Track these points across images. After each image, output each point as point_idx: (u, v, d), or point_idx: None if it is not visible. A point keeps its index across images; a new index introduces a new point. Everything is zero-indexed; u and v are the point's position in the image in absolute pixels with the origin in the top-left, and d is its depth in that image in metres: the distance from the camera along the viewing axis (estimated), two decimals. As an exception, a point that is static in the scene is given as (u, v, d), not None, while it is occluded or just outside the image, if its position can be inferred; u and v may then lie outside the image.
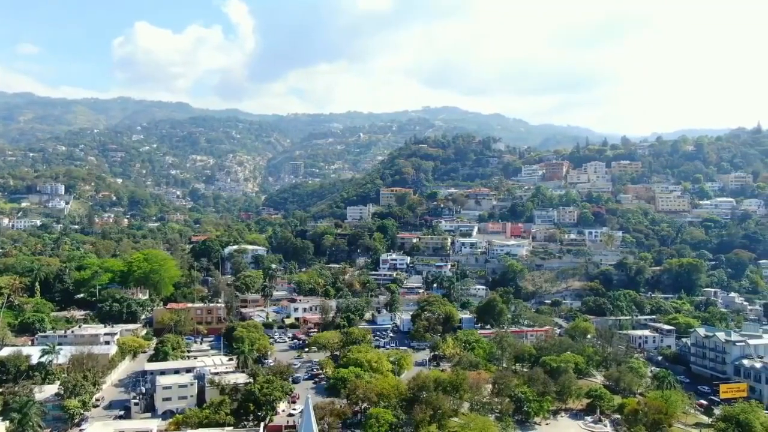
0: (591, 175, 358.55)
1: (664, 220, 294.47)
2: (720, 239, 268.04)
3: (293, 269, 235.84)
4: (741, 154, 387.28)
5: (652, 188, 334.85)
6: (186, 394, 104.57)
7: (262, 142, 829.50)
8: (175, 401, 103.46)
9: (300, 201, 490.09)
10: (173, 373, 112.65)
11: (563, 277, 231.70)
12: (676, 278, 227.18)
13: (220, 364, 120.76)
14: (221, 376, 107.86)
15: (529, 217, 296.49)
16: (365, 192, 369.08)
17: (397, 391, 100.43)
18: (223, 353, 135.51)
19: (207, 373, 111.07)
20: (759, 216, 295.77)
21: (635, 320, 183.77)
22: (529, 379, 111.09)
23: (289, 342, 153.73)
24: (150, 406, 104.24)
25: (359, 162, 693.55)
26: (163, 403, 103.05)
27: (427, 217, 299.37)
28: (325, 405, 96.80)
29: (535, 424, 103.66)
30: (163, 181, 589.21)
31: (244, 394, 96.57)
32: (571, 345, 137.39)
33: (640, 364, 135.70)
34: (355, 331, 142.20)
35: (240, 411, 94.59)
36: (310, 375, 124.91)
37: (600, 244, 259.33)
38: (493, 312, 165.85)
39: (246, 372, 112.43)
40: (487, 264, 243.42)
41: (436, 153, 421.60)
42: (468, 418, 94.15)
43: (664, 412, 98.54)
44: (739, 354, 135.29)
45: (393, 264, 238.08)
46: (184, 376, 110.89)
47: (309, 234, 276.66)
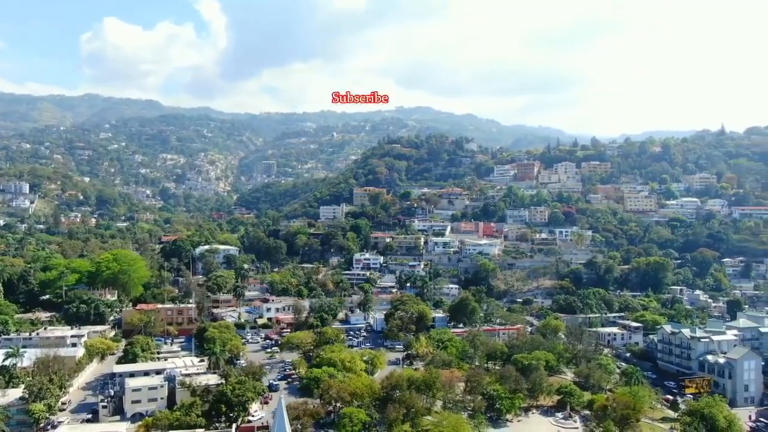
0: (562, 175, 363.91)
1: (632, 219, 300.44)
2: (685, 238, 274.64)
3: (266, 269, 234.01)
4: (705, 155, 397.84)
5: (620, 188, 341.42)
6: (156, 396, 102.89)
7: (234, 141, 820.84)
8: (144, 403, 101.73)
9: (273, 200, 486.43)
10: (143, 375, 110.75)
11: (534, 276, 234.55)
12: (643, 276, 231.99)
13: (191, 366, 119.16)
14: (192, 378, 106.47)
15: (501, 217, 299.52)
16: (338, 192, 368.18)
17: (370, 390, 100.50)
18: (194, 354, 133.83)
19: (178, 374, 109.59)
20: (722, 216, 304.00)
21: (604, 318, 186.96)
22: (501, 377, 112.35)
23: (262, 342, 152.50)
24: (119, 409, 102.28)
25: (332, 161, 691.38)
26: (133, 405, 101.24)
27: (401, 217, 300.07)
28: (298, 405, 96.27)
29: (507, 421, 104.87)
30: (132, 180, 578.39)
31: (215, 395, 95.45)
32: (542, 343, 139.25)
33: (608, 360, 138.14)
34: (328, 330, 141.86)
35: (211, 412, 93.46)
36: (283, 375, 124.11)
37: (570, 244, 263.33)
38: (466, 311, 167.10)
39: (218, 373, 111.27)
40: (459, 263, 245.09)
41: (410, 153, 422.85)
42: (441, 416, 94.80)
43: (632, 408, 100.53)
44: (704, 350, 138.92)
45: (366, 264, 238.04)
46: (154, 377, 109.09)
47: (282, 234, 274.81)
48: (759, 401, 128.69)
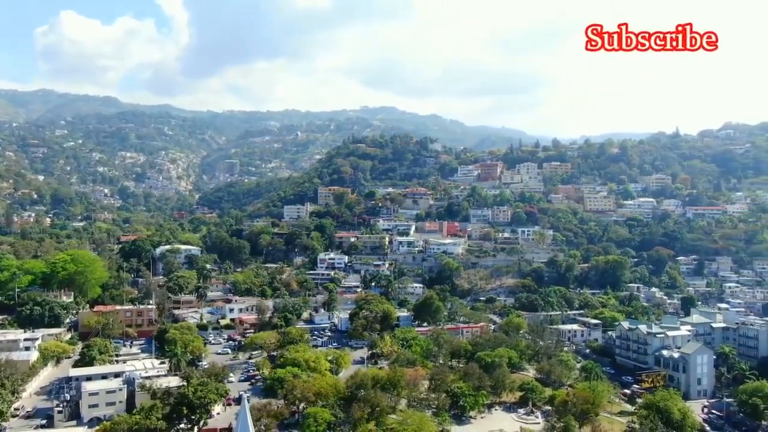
0: (524, 175, 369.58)
1: (591, 219, 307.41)
2: (642, 237, 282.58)
3: (229, 269, 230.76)
4: (661, 156, 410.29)
5: (580, 188, 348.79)
6: (114, 399, 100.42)
7: (196, 140, 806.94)
8: (102, 408, 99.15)
9: (236, 200, 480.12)
10: (100, 379, 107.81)
11: (497, 275, 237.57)
12: (602, 275, 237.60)
13: (151, 368, 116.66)
14: (152, 380, 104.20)
15: (465, 217, 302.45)
16: (303, 191, 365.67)
17: (335, 390, 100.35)
18: (154, 356, 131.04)
19: (137, 377, 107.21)
20: (677, 216, 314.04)
21: (565, 315, 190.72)
22: (464, 375, 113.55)
23: (225, 343, 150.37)
24: (75, 414, 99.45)
25: (297, 161, 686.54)
26: (90, 410, 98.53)
27: (365, 217, 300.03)
28: (261, 406, 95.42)
29: (470, 418, 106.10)
30: (89, 178, 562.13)
31: (177, 397, 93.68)
32: (505, 340, 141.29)
33: (569, 357, 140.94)
34: (292, 330, 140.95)
35: (173, 415, 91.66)
36: (247, 376, 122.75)
37: (532, 243, 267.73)
38: (430, 309, 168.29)
39: (179, 375, 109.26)
40: (424, 262, 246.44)
41: (374, 153, 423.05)
42: (405, 415, 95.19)
43: (591, 402, 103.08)
44: (659, 345, 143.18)
45: (331, 263, 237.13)
46: (112, 381, 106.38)
47: (245, 233, 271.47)
48: (711, 394, 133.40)
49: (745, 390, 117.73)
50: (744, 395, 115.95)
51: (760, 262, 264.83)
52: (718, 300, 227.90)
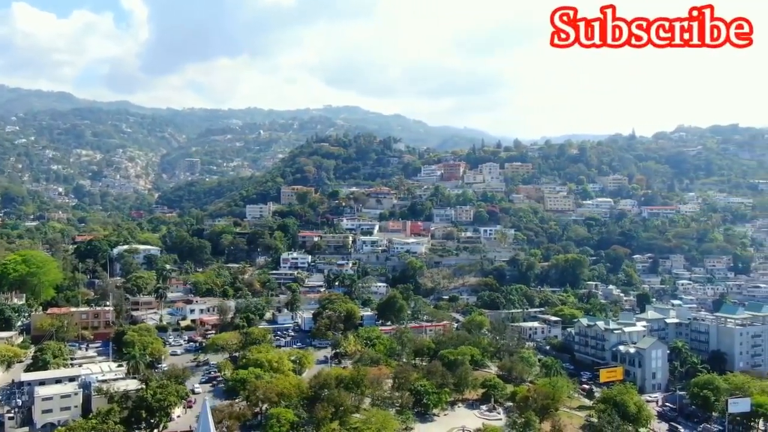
0: (486, 175, 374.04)
1: (551, 218, 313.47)
2: (600, 236, 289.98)
3: (189, 269, 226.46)
4: (618, 158, 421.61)
5: (541, 188, 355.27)
6: (69, 404, 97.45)
7: (155, 137, 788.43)
8: (56, 413, 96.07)
9: (196, 199, 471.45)
10: (54, 383, 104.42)
11: (460, 274, 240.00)
12: (562, 273, 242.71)
13: (108, 371, 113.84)
14: (110, 384, 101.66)
15: (428, 216, 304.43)
16: (266, 190, 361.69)
17: (298, 390, 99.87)
18: (111, 359, 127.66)
19: (93, 381, 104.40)
20: (633, 215, 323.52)
21: (526, 313, 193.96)
22: (428, 373, 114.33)
23: (185, 345, 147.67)
24: (27, 420, 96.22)
25: (259, 160, 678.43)
26: (43, 415, 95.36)
27: (329, 216, 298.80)
28: (223, 408, 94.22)
29: (433, 415, 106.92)
30: (42, 176, 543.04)
31: (135, 401, 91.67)
32: (468, 338, 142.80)
33: (530, 353, 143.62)
34: (255, 331, 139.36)
35: (131, 419, 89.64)
36: (208, 378, 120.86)
37: (494, 242, 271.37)
38: (394, 308, 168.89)
39: (137, 378, 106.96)
40: (387, 262, 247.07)
41: (338, 152, 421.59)
42: (369, 414, 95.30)
43: (551, 398, 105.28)
44: (616, 341, 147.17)
45: (294, 263, 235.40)
46: (66, 385, 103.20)
47: (206, 233, 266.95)
48: (665, 387, 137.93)
49: (696, 383, 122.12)
50: (696, 388, 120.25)
51: (711, 260, 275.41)
52: (672, 296, 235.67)
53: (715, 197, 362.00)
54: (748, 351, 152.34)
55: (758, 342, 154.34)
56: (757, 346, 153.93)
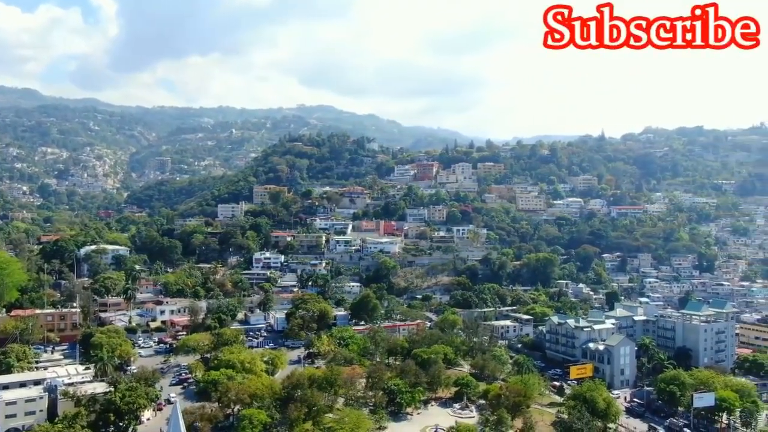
0: (459, 175, 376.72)
1: (523, 218, 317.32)
2: (570, 236, 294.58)
3: (159, 270, 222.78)
4: (588, 158, 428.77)
5: (513, 188, 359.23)
6: (34, 408, 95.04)
7: (124, 136, 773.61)
8: (21, 417, 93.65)
9: (167, 198, 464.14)
10: (18, 387, 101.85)
11: (433, 273, 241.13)
12: (533, 272, 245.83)
13: (75, 374, 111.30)
14: (76, 387, 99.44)
15: (402, 216, 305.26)
16: (238, 189, 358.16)
17: (271, 390, 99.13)
18: (78, 362, 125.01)
19: (60, 384, 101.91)
20: (602, 215, 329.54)
21: (498, 311, 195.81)
22: (401, 372, 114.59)
23: (155, 346, 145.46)
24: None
25: (231, 159, 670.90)
26: (7, 420, 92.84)
27: (302, 216, 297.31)
28: (194, 410, 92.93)
29: (407, 414, 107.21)
30: (5, 175, 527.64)
31: (103, 404, 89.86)
32: (441, 337, 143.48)
33: (502, 352, 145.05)
34: (226, 332, 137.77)
35: (99, 423, 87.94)
36: (179, 380, 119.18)
37: (467, 241, 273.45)
38: (367, 308, 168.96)
39: (106, 380, 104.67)
40: (361, 261, 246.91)
41: (311, 151, 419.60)
42: (342, 413, 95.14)
43: (523, 395, 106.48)
44: (586, 338, 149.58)
45: (267, 263, 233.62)
46: (31, 389, 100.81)
47: (177, 233, 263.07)
48: (633, 383, 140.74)
49: (663, 378, 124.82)
50: (662, 383, 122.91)
51: (677, 259, 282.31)
52: (639, 294, 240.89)
53: (680, 197, 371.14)
54: (712, 347, 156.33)
55: (722, 338, 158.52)
56: (720, 342, 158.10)
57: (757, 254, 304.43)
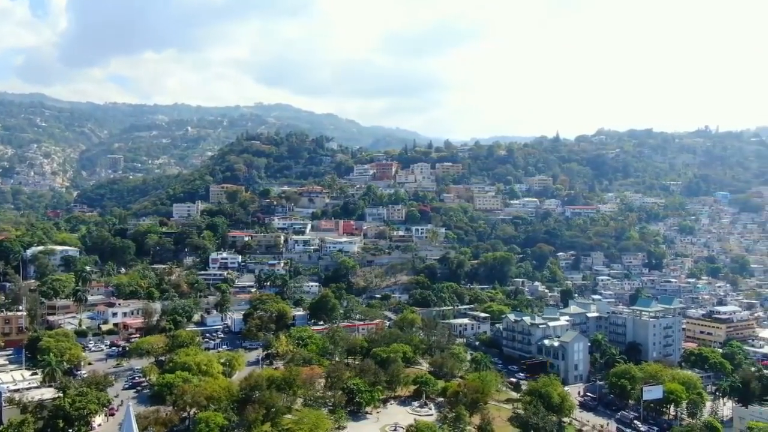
0: (418, 175, 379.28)
1: (481, 217, 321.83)
2: (526, 235, 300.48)
3: (112, 271, 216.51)
4: (543, 159, 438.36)
5: (471, 188, 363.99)
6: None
7: (74, 133, 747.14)
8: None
9: (119, 198, 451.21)
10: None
11: (392, 272, 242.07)
12: (491, 270, 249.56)
13: (20, 380, 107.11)
14: (23, 393, 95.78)
15: (361, 215, 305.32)
16: (194, 188, 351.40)
17: (228, 392, 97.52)
18: (25, 367, 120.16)
19: (4, 390, 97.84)
20: (557, 214, 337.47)
21: (456, 310, 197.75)
22: (360, 371, 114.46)
23: (107, 350, 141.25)
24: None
25: (187, 157, 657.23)
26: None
27: (260, 215, 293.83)
28: (148, 414, 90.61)
29: (366, 413, 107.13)
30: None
31: (51, 410, 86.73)
32: (400, 336, 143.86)
33: (460, 349, 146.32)
34: (182, 333, 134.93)
35: (47, 430, 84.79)
36: (132, 384, 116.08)
37: (426, 240, 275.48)
38: (326, 308, 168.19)
39: (54, 386, 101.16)
40: (320, 261, 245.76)
41: (269, 150, 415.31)
42: (301, 414, 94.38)
43: (480, 392, 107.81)
44: (541, 335, 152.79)
45: (224, 263, 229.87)
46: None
47: (130, 233, 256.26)
48: (586, 378, 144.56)
49: (614, 373, 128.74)
50: (614, 378, 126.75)
51: (628, 257, 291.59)
52: (592, 292, 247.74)
53: (631, 197, 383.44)
54: (660, 342, 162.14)
55: (669, 333, 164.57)
56: (668, 337, 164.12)
57: (702, 252, 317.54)
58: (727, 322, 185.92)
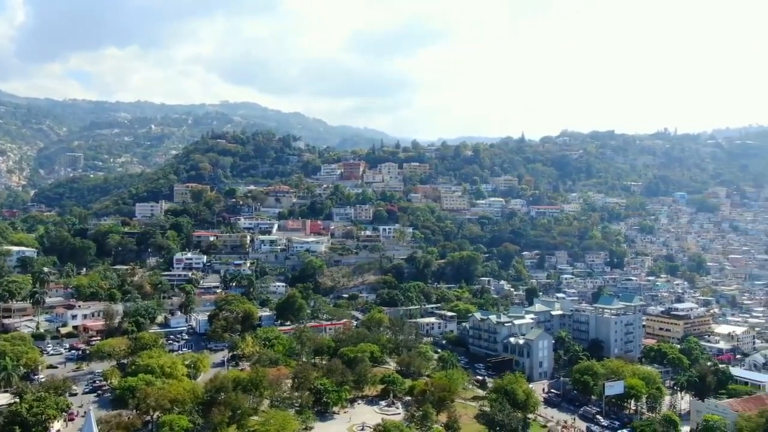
0: (385, 175, 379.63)
1: (447, 217, 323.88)
2: (492, 234, 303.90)
3: (71, 272, 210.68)
4: (509, 160, 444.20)
5: (438, 188, 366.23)
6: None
7: (31, 130, 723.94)
8: None
9: (80, 197, 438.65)
10: None
11: (359, 272, 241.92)
12: (457, 269, 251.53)
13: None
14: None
15: (328, 215, 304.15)
16: (157, 188, 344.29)
17: (193, 395, 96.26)
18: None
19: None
20: (522, 214, 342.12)
21: (423, 309, 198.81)
22: (328, 371, 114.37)
23: (66, 353, 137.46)
24: None
25: (150, 156, 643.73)
26: None
27: (226, 215, 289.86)
28: (110, 418, 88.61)
29: (334, 413, 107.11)
30: None
31: (7, 416, 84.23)
32: (367, 335, 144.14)
33: (427, 348, 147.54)
34: (145, 336, 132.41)
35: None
36: (92, 387, 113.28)
37: (393, 240, 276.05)
38: (293, 308, 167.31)
39: (10, 391, 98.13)
40: (287, 261, 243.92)
41: (235, 149, 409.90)
42: (268, 415, 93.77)
43: (447, 390, 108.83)
44: (507, 333, 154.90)
45: (188, 263, 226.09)
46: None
47: (91, 233, 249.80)
48: (550, 375, 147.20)
49: (578, 369, 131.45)
50: (577, 374, 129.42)
51: (591, 256, 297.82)
52: (556, 290, 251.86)
53: (594, 198, 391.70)
54: (621, 338, 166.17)
55: (630, 330, 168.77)
56: (629, 333, 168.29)
57: (661, 251, 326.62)
58: (684, 318, 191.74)
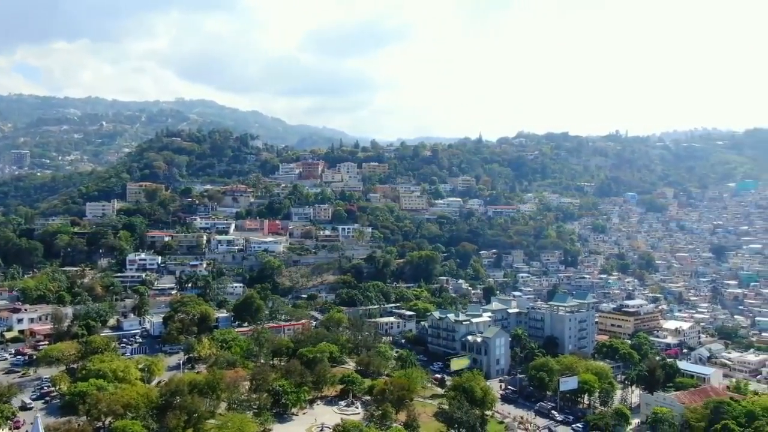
0: (344, 174, 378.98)
1: (406, 217, 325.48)
2: (451, 234, 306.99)
3: (16, 274, 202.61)
4: (467, 160, 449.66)
5: (397, 188, 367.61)
6: None
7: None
8: None
9: (26, 196, 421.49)
10: None
11: (319, 272, 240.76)
12: (416, 269, 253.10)
13: None
14: None
15: (287, 215, 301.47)
16: (109, 187, 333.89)
17: (147, 399, 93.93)
18: None
19: None
20: (480, 214, 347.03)
21: (382, 308, 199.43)
22: (286, 372, 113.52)
23: (11, 359, 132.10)
24: None
25: (101, 153, 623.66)
26: None
27: (181, 215, 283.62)
28: (59, 425, 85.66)
29: (292, 414, 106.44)
30: None
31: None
32: (326, 335, 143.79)
33: (386, 348, 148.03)
34: (96, 339, 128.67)
35: (-59, 447, 78.13)
36: (40, 394, 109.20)
37: (352, 240, 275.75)
38: (251, 309, 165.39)
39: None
40: (244, 261, 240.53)
41: (191, 147, 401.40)
42: (225, 418, 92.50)
43: (406, 389, 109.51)
44: (465, 331, 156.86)
45: (142, 264, 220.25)
46: None
47: (37, 233, 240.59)
48: (507, 372, 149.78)
49: (534, 366, 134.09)
50: (533, 370, 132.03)
51: (546, 255, 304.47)
52: (513, 288, 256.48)
53: (549, 198, 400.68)
54: (575, 335, 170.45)
55: (584, 326, 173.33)
56: (583, 330, 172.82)
57: (613, 250, 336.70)
58: (635, 315, 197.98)
